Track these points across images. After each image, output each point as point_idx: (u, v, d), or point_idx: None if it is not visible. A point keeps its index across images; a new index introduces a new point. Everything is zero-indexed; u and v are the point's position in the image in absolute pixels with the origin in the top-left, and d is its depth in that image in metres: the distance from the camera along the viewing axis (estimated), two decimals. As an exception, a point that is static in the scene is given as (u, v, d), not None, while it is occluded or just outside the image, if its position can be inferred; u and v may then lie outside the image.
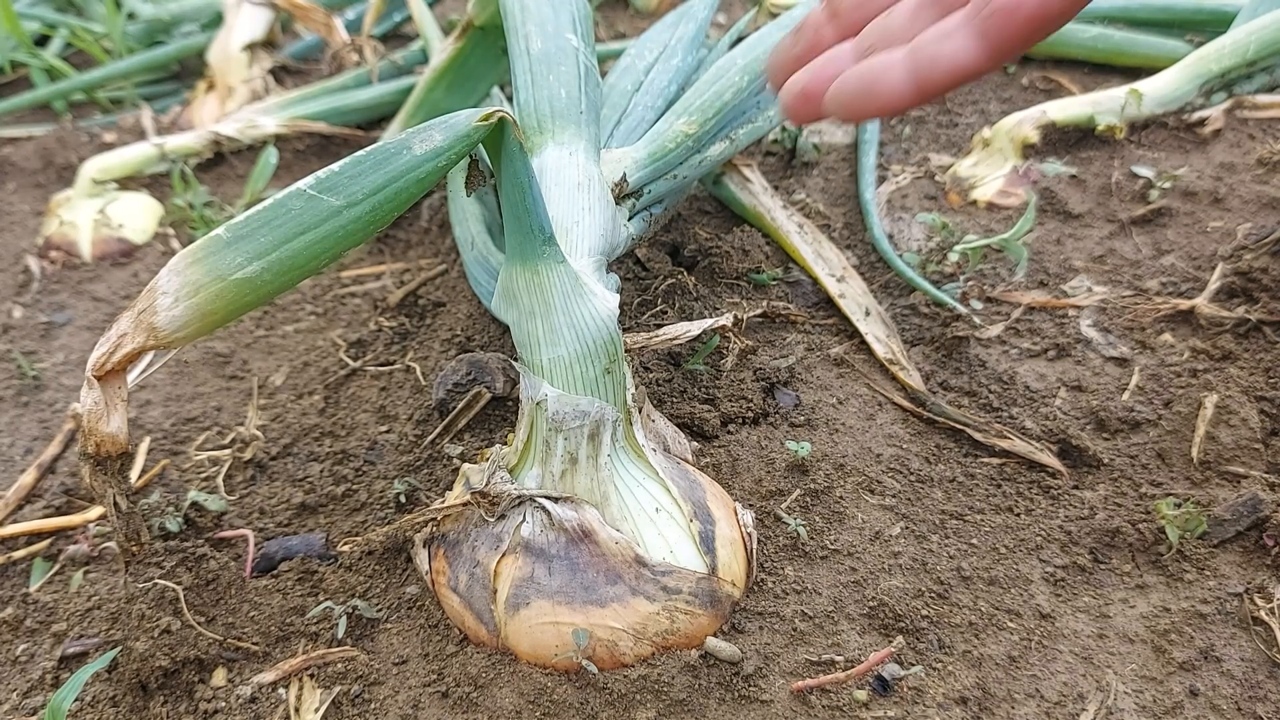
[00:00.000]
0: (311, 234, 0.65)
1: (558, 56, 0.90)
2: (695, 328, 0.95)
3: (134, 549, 0.74)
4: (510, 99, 1.03)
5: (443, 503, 0.82)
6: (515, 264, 0.75)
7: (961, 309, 1.05)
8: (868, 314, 1.08)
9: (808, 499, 0.85)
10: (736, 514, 0.79)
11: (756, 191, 1.23)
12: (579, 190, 0.83)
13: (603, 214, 0.84)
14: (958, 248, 1.13)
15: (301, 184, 0.66)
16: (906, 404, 0.97)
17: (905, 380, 0.98)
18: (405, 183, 0.66)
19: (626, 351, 0.83)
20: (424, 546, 0.81)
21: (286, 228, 0.65)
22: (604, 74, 1.17)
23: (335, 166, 0.67)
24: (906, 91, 0.60)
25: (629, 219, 0.94)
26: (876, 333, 1.05)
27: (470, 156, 0.72)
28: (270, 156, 1.47)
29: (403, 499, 0.89)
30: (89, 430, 0.66)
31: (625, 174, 0.93)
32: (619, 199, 0.91)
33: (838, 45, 0.64)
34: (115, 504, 0.70)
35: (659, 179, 0.99)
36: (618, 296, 0.77)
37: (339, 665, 0.75)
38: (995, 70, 0.61)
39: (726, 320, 0.95)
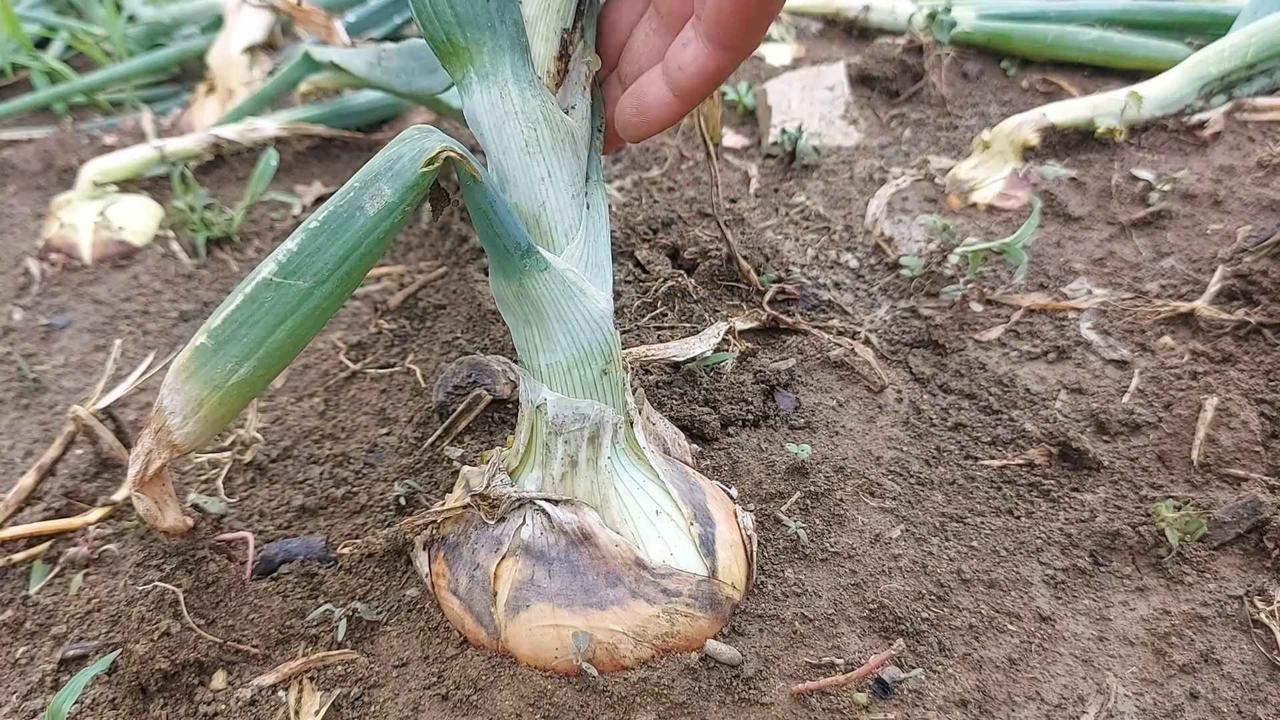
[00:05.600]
0: (289, 321, 0.66)
1: None
2: (695, 347, 0.94)
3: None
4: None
5: (443, 505, 0.82)
6: (499, 278, 0.74)
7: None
8: None
9: (808, 501, 0.85)
10: (736, 517, 0.79)
11: None
12: (528, 153, 0.71)
13: (561, 164, 0.72)
14: (958, 250, 1.13)
15: (265, 272, 0.65)
16: (906, 406, 0.97)
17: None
18: (366, 246, 0.66)
19: (632, 363, 0.82)
20: (424, 549, 0.81)
21: (265, 322, 0.66)
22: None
23: (292, 246, 0.66)
24: (671, 101, 0.68)
25: (584, 91, 0.75)
26: None
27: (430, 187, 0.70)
28: (270, 159, 1.47)
29: (403, 501, 0.89)
30: (152, 526, 0.75)
31: (564, 32, 0.72)
32: (568, 67, 0.73)
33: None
34: (176, 545, 0.81)
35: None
36: (609, 296, 0.76)
37: (339, 668, 0.75)
38: (736, 64, 0.66)
39: (729, 325, 0.95)
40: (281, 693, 0.74)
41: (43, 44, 1.95)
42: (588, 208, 0.75)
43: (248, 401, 0.68)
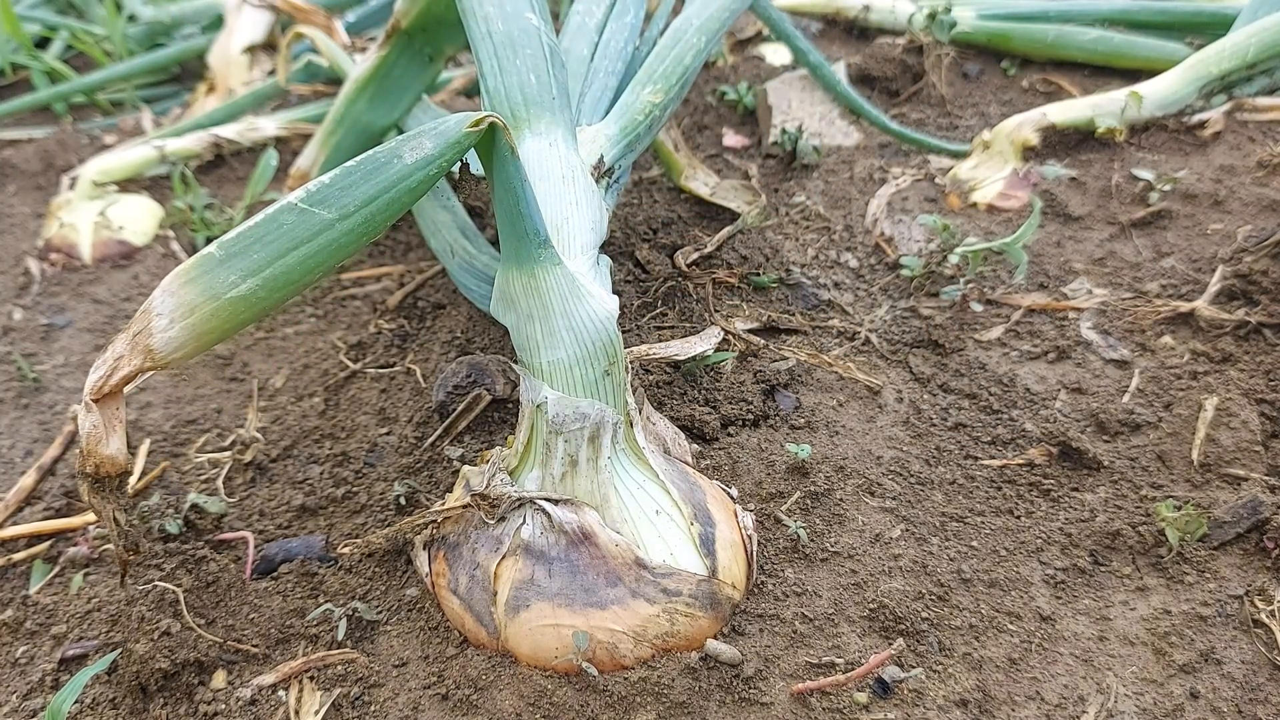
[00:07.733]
0: (305, 248, 0.65)
1: (521, 39, 0.85)
2: (696, 345, 0.95)
3: (131, 558, 0.74)
4: (441, 105, 0.99)
5: (443, 505, 0.82)
6: (511, 268, 0.74)
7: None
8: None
9: (808, 501, 0.85)
10: (737, 516, 0.79)
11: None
12: (564, 183, 0.81)
13: (589, 205, 0.82)
14: (958, 250, 1.13)
15: (292, 197, 0.65)
16: (906, 405, 0.97)
17: None
18: (397, 192, 0.66)
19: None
20: (424, 549, 0.81)
21: (279, 243, 0.65)
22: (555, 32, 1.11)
23: (325, 178, 0.66)
24: None
25: (604, 194, 0.92)
26: None
27: (461, 160, 0.72)
28: (270, 159, 1.47)
29: (403, 501, 0.89)
30: (88, 452, 0.66)
31: (602, 155, 0.90)
32: (597, 180, 0.89)
33: None
34: (114, 519, 0.70)
35: (630, 153, 0.96)
36: (616, 299, 0.77)
37: (339, 667, 0.75)
38: None
39: (727, 331, 0.95)
40: (281, 692, 0.74)
41: (43, 44, 1.95)
42: (597, 262, 0.81)
43: (239, 326, 0.65)
